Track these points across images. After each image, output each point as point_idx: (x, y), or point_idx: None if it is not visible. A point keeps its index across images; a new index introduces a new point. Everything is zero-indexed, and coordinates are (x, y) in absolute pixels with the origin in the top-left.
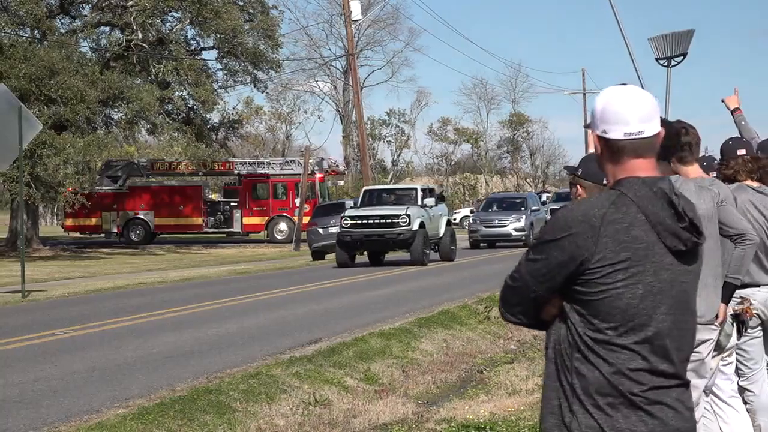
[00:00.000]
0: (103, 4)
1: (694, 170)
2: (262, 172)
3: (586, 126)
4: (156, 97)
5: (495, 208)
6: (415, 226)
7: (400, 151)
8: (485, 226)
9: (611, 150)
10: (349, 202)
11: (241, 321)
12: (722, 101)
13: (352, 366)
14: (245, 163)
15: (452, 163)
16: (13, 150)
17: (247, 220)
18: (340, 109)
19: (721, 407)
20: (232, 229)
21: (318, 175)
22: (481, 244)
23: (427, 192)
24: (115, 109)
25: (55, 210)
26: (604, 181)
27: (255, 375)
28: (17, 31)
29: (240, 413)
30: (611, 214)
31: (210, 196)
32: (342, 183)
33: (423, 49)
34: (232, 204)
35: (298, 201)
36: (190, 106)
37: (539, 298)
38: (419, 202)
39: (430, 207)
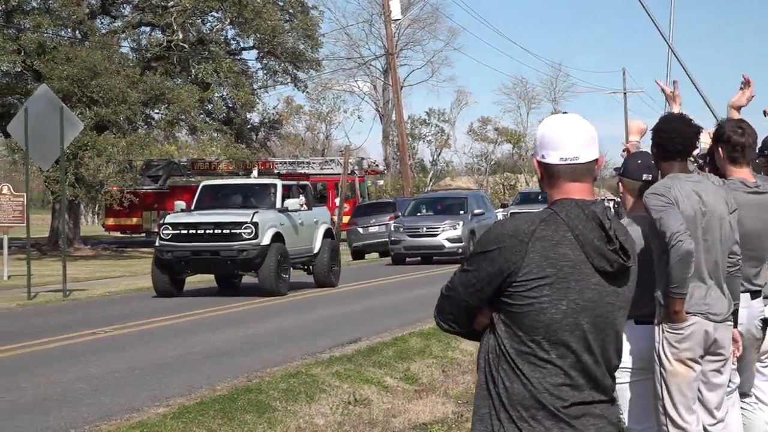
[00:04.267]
0: (144, 5)
1: (743, 173)
2: (302, 171)
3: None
4: (196, 98)
5: (425, 211)
6: (266, 240)
7: (440, 150)
8: (410, 236)
9: (548, 173)
10: (180, 203)
11: (280, 320)
12: (764, 113)
13: (391, 365)
14: (285, 162)
15: (492, 162)
16: (54, 150)
17: None
18: (379, 109)
19: (763, 409)
20: None
21: (358, 175)
22: (407, 260)
23: (295, 190)
24: (156, 110)
25: (96, 210)
26: (644, 177)
27: (295, 374)
28: (59, 32)
29: (280, 412)
30: (540, 231)
31: None
32: (382, 182)
33: (463, 49)
34: None
35: (337, 201)
36: (230, 106)
37: (470, 307)
38: (278, 204)
39: (295, 211)
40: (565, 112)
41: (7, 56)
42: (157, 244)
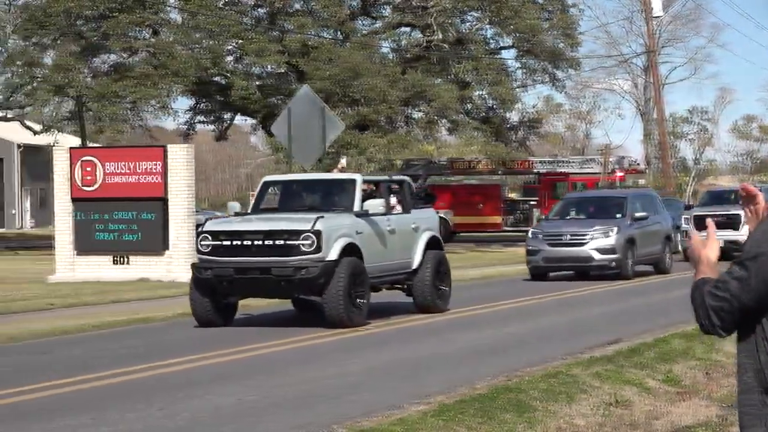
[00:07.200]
0: (404, 6)
1: None
2: (561, 170)
3: None
4: (455, 97)
5: (575, 213)
6: (334, 254)
7: (703, 149)
8: (550, 245)
9: None
10: (234, 205)
11: (537, 320)
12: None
13: (653, 367)
14: (544, 161)
15: (757, 161)
16: (316, 149)
17: None
18: (640, 107)
19: None
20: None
21: (618, 174)
22: (550, 274)
23: (384, 188)
24: (416, 109)
25: None
26: None
27: (554, 374)
28: (321, 33)
29: (540, 412)
30: None
31: (509, 195)
32: (643, 182)
33: (726, 45)
34: (531, 203)
35: None
36: (489, 105)
37: (751, 310)
38: (356, 206)
39: (382, 215)
40: None
41: (272, 56)
42: (195, 259)
